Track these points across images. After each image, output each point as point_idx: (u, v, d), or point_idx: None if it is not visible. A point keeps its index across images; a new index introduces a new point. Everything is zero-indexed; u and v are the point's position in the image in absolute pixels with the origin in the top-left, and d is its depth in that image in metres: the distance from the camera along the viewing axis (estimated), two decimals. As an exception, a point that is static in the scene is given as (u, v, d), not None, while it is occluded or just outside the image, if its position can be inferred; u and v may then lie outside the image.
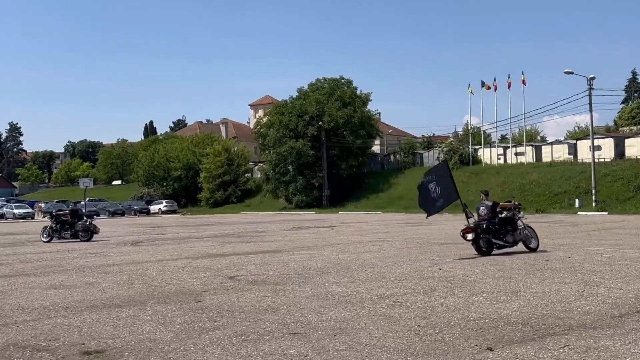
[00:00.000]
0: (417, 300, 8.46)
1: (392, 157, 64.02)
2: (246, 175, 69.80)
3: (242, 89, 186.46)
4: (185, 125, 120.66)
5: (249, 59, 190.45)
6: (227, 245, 19.10)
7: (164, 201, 67.46)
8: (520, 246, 14.33)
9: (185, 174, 71.00)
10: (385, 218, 38.07)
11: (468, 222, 13.95)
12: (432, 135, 71.09)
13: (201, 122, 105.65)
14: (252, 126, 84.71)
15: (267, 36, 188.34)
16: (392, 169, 61.80)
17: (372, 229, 26.80)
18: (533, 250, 14.21)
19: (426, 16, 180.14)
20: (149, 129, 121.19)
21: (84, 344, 6.44)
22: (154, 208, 65.85)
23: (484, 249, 13.82)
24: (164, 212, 64.55)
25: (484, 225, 13.91)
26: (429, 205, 14.63)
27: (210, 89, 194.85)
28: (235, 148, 71.28)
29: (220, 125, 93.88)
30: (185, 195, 71.92)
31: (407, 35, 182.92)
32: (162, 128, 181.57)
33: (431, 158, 59.10)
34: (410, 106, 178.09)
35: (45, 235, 22.55)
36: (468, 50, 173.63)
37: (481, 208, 14.41)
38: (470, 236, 13.73)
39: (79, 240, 22.06)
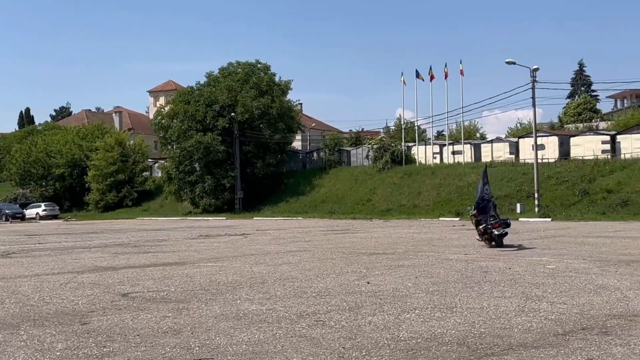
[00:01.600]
0: (341, 318, 8.55)
1: (315, 154, 64.50)
2: (144, 174, 68.65)
3: (139, 73, 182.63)
4: (70, 114, 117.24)
5: (148, 37, 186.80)
6: (120, 257, 18.65)
7: (42, 204, 65.32)
8: (457, 255, 14.72)
9: (69, 172, 69.12)
10: (307, 224, 38.32)
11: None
12: (360, 130, 72.21)
13: (89, 110, 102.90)
14: (151, 116, 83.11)
15: (170, 11, 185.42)
16: (315, 168, 62.26)
17: (291, 237, 26.90)
18: None
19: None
20: (25, 118, 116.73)
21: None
22: (30, 212, 63.72)
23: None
24: (42, 218, 62.58)
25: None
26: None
27: (101, 71, 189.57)
28: (131, 142, 69.98)
29: (113, 114, 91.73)
30: (70, 197, 69.95)
31: (333, 17, 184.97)
32: (41, 117, 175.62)
33: (360, 156, 60.03)
34: (336, 97, 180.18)
35: None
36: (402, 36, 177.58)
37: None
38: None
39: None
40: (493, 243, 18.81)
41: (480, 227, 18.96)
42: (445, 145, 56.51)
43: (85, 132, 73.11)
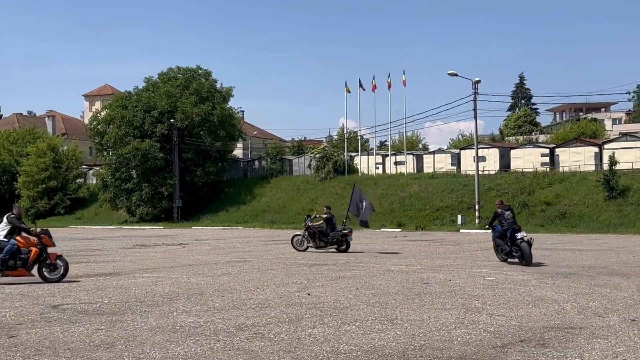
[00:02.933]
0: (281, 330, 8.54)
1: (257, 163, 64.36)
2: (78, 181, 67.21)
3: (74, 75, 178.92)
4: (0, 117, 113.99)
5: (84, 39, 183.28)
6: (51, 267, 18.17)
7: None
8: (398, 266, 14.85)
9: (-2, 177, 67.07)
10: (248, 234, 38.15)
11: None
12: (303, 139, 72.50)
13: (21, 114, 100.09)
14: (86, 121, 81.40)
15: (110, 12, 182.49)
16: (256, 176, 62.10)
17: (231, 247, 26.73)
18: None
19: (299, 3, 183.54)
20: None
21: None
22: (-46, 220, 61.39)
23: None
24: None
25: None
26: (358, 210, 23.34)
27: (33, 73, 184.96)
28: (65, 147, 68.47)
29: (46, 118, 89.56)
30: (-2, 204, 67.85)
31: (277, 24, 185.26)
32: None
33: (302, 165, 60.15)
34: (279, 105, 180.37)
35: None
36: (345, 46, 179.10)
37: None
38: None
39: None
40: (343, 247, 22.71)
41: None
42: (387, 155, 57.14)
43: (15, 136, 71.21)
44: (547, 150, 49.82)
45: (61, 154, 66.64)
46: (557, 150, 49.51)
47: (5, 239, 14.19)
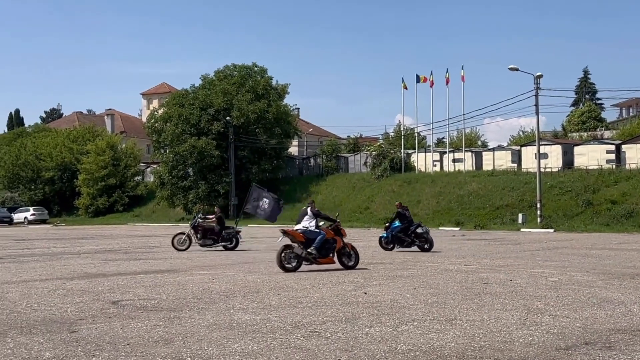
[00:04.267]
0: (338, 329, 8.54)
1: (312, 160, 64.57)
2: (136, 178, 68.56)
3: (133, 75, 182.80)
4: (61, 116, 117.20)
5: (143, 38, 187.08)
6: (110, 264, 18.63)
7: (31, 208, 65.23)
8: (457, 266, 14.68)
9: (59, 175, 69.00)
10: (303, 232, 38.21)
11: None
12: (359, 136, 72.31)
13: (81, 112, 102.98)
14: (144, 119, 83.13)
15: (165, 12, 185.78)
16: (312, 174, 62.32)
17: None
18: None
19: (354, 1, 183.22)
20: (14, 120, 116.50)
21: None
22: (18, 217, 63.64)
23: None
24: (31, 222, 62.53)
25: None
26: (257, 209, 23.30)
27: (93, 72, 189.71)
28: (123, 145, 69.93)
29: (105, 117, 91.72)
30: (59, 201, 69.82)
31: (332, 21, 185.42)
32: (30, 118, 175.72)
33: (358, 163, 60.09)
34: (334, 102, 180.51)
35: None
36: (402, 41, 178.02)
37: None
38: None
39: None
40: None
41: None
42: (445, 152, 56.61)
43: (76, 134, 72.98)
44: (612, 147, 48.51)
45: (120, 152, 68.07)
46: (623, 146, 48.18)
47: (316, 230, 16.02)
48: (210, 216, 24.47)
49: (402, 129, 65.48)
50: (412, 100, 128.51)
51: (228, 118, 56.82)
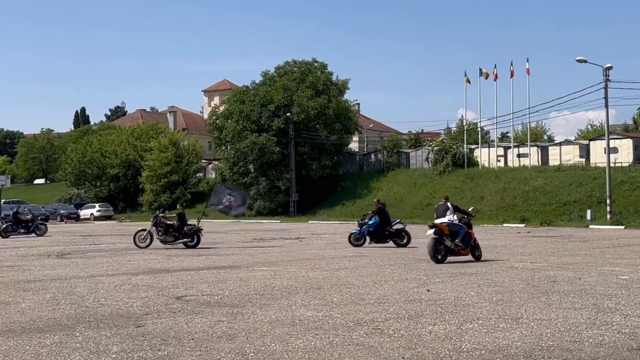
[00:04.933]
0: (401, 327, 8.51)
1: (372, 156, 64.40)
2: (198, 175, 69.49)
3: (194, 72, 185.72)
4: (125, 113, 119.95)
5: (203, 35, 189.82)
6: (174, 259, 18.99)
7: (97, 205, 66.76)
8: (523, 263, 14.47)
9: (123, 172, 70.38)
10: (364, 229, 38.17)
11: None
12: (420, 131, 71.72)
13: (144, 110, 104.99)
14: (205, 116, 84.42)
15: (225, 8, 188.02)
16: (372, 170, 62.17)
17: (347, 241, 26.85)
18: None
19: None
20: (80, 118, 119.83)
21: (-3, 376, 6.34)
22: (84, 213, 65.19)
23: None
24: (96, 218, 63.97)
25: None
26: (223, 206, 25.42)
27: (155, 70, 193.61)
28: (185, 142, 70.92)
29: (168, 114, 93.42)
30: (124, 198, 71.28)
31: (392, 14, 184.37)
32: (96, 116, 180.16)
33: (419, 158, 59.65)
34: (395, 97, 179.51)
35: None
36: (465, 34, 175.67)
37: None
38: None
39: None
40: None
41: None
42: (510, 147, 55.65)
43: (139, 132, 74.23)
44: (686, 140, 46.88)
45: (182, 149, 69.01)
46: (698, 139, 46.50)
47: (459, 223, 17.21)
48: (170, 214, 25.84)
49: (464, 123, 64.71)
50: (475, 94, 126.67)
51: (288, 114, 57.15)
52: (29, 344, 7.67)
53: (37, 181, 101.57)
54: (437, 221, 17.21)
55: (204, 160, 72.64)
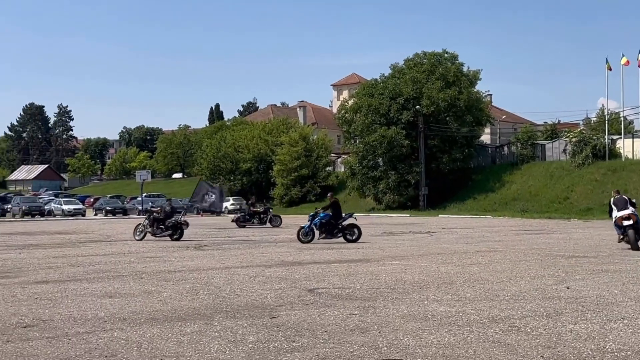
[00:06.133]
0: (539, 325, 8.27)
1: (506, 148, 62.73)
2: (327, 169, 70.25)
3: (323, 66, 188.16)
4: (257, 109, 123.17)
5: (332, 30, 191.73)
6: (305, 252, 19.33)
7: (231, 199, 68.72)
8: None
9: (255, 166, 72.17)
10: (497, 223, 37.39)
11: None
12: (556, 122, 69.01)
13: (275, 105, 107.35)
14: (334, 110, 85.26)
15: (354, 2, 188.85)
16: (505, 163, 60.56)
17: (480, 236, 26.39)
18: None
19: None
20: (215, 114, 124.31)
21: (143, 361, 6.70)
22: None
23: None
24: (231, 212, 65.88)
25: None
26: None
27: (285, 66, 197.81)
28: (315, 136, 71.81)
29: (298, 109, 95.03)
30: (256, 191, 73.17)
31: (525, 2, 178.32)
32: (229, 112, 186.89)
33: (556, 150, 57.49)
34: (528, 87, 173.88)
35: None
36: (604, 17, 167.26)
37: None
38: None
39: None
40: None
41: None
42: (656, 137, 52.54)
43: (270, 127, 75.96)
44: None
45: (312, 143, 69.96)
46: None
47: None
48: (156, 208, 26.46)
49: (605, 113, 61.67)
50: (616, 82, 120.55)
51: (418, 107, 56.64)
52: (172, 332, 8.07)
53: (175, 175, 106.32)
54: (626, 212, 18.31)
55: (333, 154, 73.32)
